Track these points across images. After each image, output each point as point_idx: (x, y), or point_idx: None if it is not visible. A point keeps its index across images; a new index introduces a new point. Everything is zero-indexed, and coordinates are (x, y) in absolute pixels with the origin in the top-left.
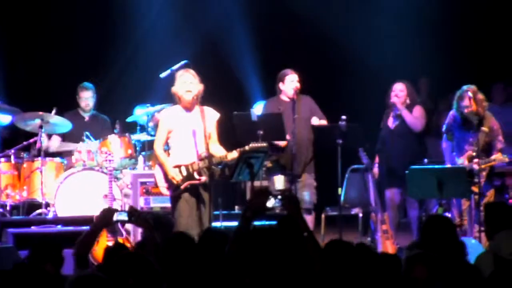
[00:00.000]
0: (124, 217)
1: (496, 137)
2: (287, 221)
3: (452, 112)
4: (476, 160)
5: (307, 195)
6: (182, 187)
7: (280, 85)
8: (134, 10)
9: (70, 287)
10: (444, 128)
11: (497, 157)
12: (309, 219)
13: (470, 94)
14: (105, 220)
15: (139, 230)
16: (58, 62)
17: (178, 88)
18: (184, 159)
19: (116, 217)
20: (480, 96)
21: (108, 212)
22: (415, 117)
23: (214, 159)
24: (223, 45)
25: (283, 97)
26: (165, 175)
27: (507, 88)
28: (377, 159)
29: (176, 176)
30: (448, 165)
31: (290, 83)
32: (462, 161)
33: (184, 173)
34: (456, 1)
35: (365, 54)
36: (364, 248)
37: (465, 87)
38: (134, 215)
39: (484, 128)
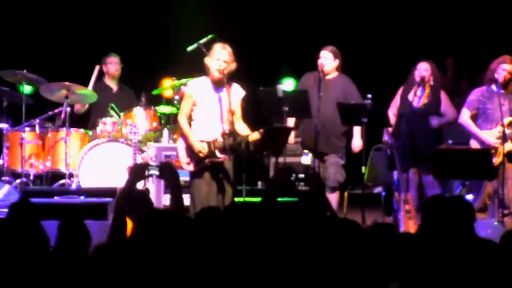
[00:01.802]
0: (155, 171)
1: None
2: (309, 198)
3: (478, 88)
4: None
5: (331, 173)
6: (203, 164)
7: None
8: None
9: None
10: (469, 105)
11: None
12: (333, 197)
13: (508, 62)
14: (138, 175)
15: (162, 203)
16: (84, 34)
17: (210, 62)
18: (206, 134)
19: (148, 172)
20: None
21: (141, 167)
22: (451, 109)
23: (238, 137)
24: (250, 20)
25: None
26: (187, 150)
27: None
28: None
29: (203, 149)
30: (489, 143)
31: (318, 59)
32: (500, 129)
33: (206, 150)
34: None
35: (393, 32)
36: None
37: (506, 55)
38: (166, 170)
39: None
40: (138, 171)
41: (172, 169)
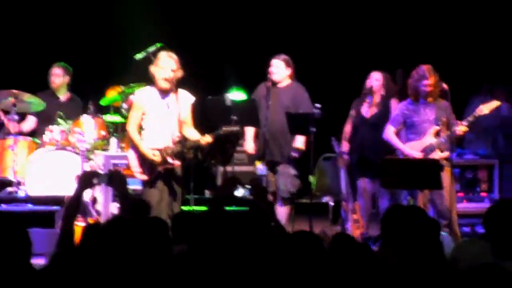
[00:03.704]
0: (104, 179)
1: (450, 114)
2: (254, 208)
3: (401, 103)
4: (460, 122)
5: (282, 184)
6: (155, 171)
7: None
8: None
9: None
10: (393, 121)
11: (484, 106)
12: (284, 210)
13: (431, 72)
14: (87, 183)
15: (110, 211)
16: (31, 42)
17: (156, 71)
18: (157, 142)
19: (96, 180)
20: (436, 76)
21: (89, 175)
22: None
23: (188, 143)
24: (199, 28)
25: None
26: (139, 160)
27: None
28: (345, 147)
29: (155, 157)
30: (419, 156)
31: (270, 68)
32: (429, 138)
33: (158, 157)
34: None
35: (344, 42)
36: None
37: (424, 66)
38: (114, 178)
39: (440, 105)
40: (86, 179)
41: (120, 177)
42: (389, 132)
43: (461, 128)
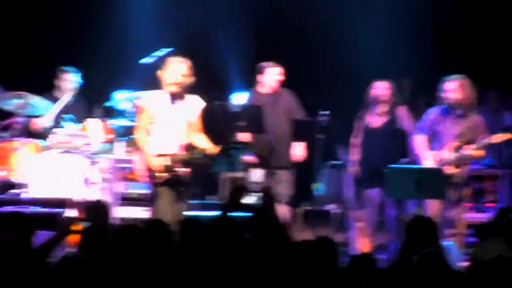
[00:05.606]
0: (85, 223)
1: (480, 132)
2: (262, 215)
3: (434, 108)
4: (472, 146)
5: (284, 188)
6: (163, 177)
7: (260, 77)
8: None
9: (54, 270)
10: (422, 122)
11: (496, 136)
12: (286, 209)
13: (459, 84)
14: (66, 230)
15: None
16: (37, 43)
17: (166, 76)
18: (166, 148)
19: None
20: (470, 89)
21: (69, 221)
22: (409, 121)
23: (195, 151)
24: (204, 33)
25: (261, 89)
26: (145, 163)
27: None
28: (354, 156)
29: (158, 166)
30: (427, 166)
31: (273, 75)
32: (446, 153)
33: (166, 163)
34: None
35: (349, 50)
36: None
37: (453, 76)
38: (93, 211)
39: (471, 120)
40: (66, 227)
41: (100, 209)
42: (416, 139)
43: (471, 152)
